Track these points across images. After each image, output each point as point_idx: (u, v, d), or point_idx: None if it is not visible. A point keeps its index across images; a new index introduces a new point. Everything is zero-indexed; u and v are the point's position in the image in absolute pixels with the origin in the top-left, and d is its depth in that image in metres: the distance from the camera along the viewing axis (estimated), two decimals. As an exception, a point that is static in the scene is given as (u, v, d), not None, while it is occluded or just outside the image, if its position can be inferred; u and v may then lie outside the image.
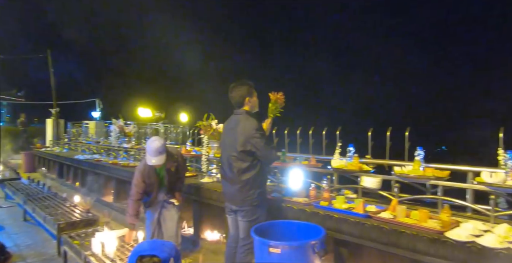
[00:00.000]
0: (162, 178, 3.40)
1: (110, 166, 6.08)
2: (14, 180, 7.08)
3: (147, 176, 3.28)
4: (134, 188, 3.29)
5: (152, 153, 3.09)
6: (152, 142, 3.13)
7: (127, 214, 3.33)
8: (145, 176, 3.27)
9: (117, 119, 6.88)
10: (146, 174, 3.27)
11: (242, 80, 2.86)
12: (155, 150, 3.09)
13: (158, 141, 3.15)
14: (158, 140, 3.19)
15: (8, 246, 3.98)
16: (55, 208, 4.60)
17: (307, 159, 3.64)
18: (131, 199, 3.31)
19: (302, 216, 2.88)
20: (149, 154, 3.11)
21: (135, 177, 3.29)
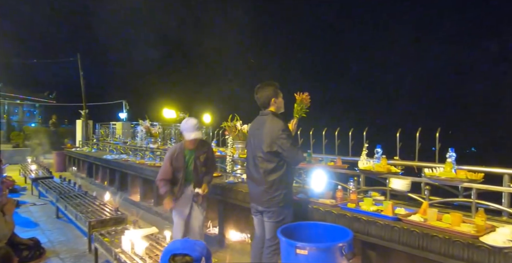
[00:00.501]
0: (189, 165, 3.44)
1: (137, 166, 6.24)
2: (47, 179, 7.36)
3: (175, 158, 3.37)
4: (162, 168, 3.45)
5: (190, 129, 3.27)
6: (188, 120, 3.32)
7: (160, 191, 3.50)
8: (173, 158, 3.37)
9: (143, 120, 7.04)
10: (175, 157, 3.37)
11: (268, 81, 2.86)
12: (193, 126, 3.27)
13: (194, 119, 3.35)
14: (193, 118, 3.38)
15: (42, 242, 4.19)
16: (85, 206, 4.75)
17: (333, 160, 3.59)
18: (157, 179, 3.44)
19: (329, 218, 2.85)
20: (187, 131, 3.27)
21: (165, 159, 3.45)
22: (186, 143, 3.37)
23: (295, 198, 3.10)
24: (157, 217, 5.58)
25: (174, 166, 3.38)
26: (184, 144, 3.42)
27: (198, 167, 3.46)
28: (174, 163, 3.37)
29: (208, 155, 3.57)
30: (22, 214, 5.84)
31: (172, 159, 3.37)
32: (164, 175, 3.40)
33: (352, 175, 3.43)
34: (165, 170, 3.40)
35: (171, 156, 3.38)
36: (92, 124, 13.30)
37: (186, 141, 3.34)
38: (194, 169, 3.45)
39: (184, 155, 3.41)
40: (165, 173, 3.40)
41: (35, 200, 7.04)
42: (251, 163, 2.86)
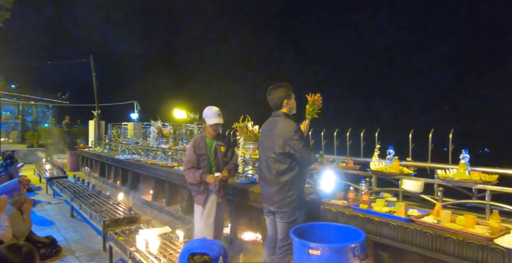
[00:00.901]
0: (211, 154, 3.43)
1: (149, 166, 6.32)
2: (62, 178, 7.51)
3: (198, 147, 3.39)
4: (186, 158, 3.44)
5: (212, 115, 3.33)
6: (211, 107, 3.39)
7: (190, 180, 3.39)
8: (196, 147, 3.39)
9: (155, 121, 7.12)
10: (197, 145, 3.40)
11: (280, 83, 2.89)
12: (215, 112, 3.34)
13: (215, 106, 3.41)
14: (214, 106, 3.42)
15: (58, 240, 4.28)
16: (99, 206, 4.84)
17: (344, 161, 3.60)
18: (185, 170, 3.41)
19: (341, 219, 2.86)
20: (209, 117, 3.33)
21: (188, 149, 3.49)
22: (208, 129, 3.40)
23: (307, 199, 3.12)
24: (169, 216, 5.65)
25: (198, 154, 3.38)
26: (205, 132, 3.45)
27: (220, 156, 3.45)
28: (197, 151, 3.38)
29: (229, 147, 3.58)
30: (38, 212, 5.97)
31: (195, 147, 3.38)
32: (190, 164, 3.38)
33: (364, 176, 3.43)
34: (190, 159, 3.39)
35: (194, 145, 3.40)
36: (104, 124, 13.49)
37: (208, 127, 3.37)
38: (216, 157, 3.44)
39: (206, 143, 3.42)
40: (190, 162, 3.39)
41: (50, 199, 7.20)
42: (263, 164, 2.88)
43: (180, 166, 5.68)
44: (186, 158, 3.46)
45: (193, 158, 3.38)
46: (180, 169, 5.37)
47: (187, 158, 3.43)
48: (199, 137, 3.51)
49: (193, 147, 3.40)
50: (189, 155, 3.41)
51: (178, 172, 5.33)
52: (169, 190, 5.92)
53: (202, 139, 3.44)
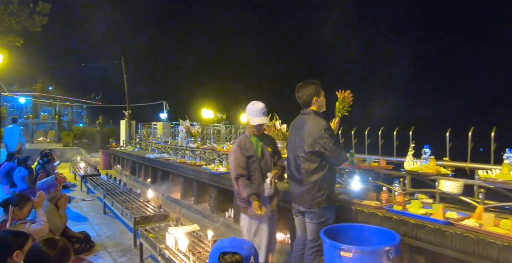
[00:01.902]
0: (259, 154, 3.00)
1: (178, 165, 6.41)
2: (95, 176, 7.77)
3: (244, 147, 2.96)
4: (233, 162, 2.94)
5: (256, 113, 2.90)
6: (255, 103, 2.94)
7: (242, 193, 2.88)
8: (242, 147, 2.95)
9: (184, 120, 7.22)
10: (243, 145, 2.97)
11: (309, 80, 2.82)
12: (259, 109, 2.90)
13: (261, 103, 2.95)
14: (259, 102, 2.97)
15: (91, 236, 4.41)
16: (130, 203, 4.95)
17: (376, 160, 3.48)
18: (234, 177, 2.91)
19: (374, 220, 2.76)
20: (253, 115, 2.91)
21: (233, 151, 3.01)
22: (251, 129, 3.00)
23: (338, 199, 3.03)
24: (197, 215, 5.70)
25: (247, 156, 2.93)
26: (249, 131, 3.05)
27: (267, 157, 3.00)
28: (244, 152, 2.93)
29: (275, 148, 3.15)
30: (73, 208, 6.20)
31: (241, 148, 2.94)
32: (240, 169, 2.88)
33: (397, 176, 3.31)
34: (238, 162, 2.90)
35: (239, 145, 2.97)
36: (135, 124, 13.86)
37: (251, 127, 2.98)
38: (263, 158, 2.99)
39: (251, 142, 3.00)
40: (240, 167, 2.88)
41: (84, 196, 7.46)
42: (292, 163, 2.83)
43: (208, 165, 5.72)
44: (233, 162, 2.94)
45: (242, 161, 2.90)
46: (209, 168, 5.41)
47: (234, 162, 2.92)
48: (243, 137, 3.08)
49: (239, 148, 2.95)
50: (236, 159, 2.92)
51: (206, 171, 5.36)
52: (197, 189, 5.97)
53: (247, 139, 3.01)
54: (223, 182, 4.88)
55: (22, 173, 6.97)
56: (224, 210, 5.28)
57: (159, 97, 16.90)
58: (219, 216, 5.22)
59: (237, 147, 2.96)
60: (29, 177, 7.00)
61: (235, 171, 2.90)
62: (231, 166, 2.98)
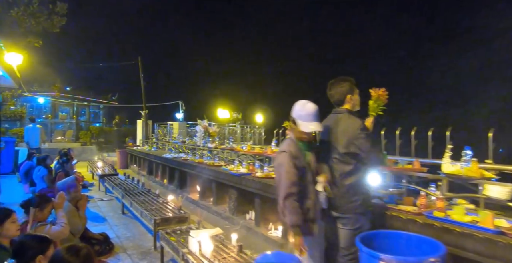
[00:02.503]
0: (310, 163, 2.53)
1: (197, 165, 6.30)
2: (113, 176, 7.75)
3: (296, 157, 2.41)
4: (285, 176, 2.36)
5: (309, 117, 2.41)
6: (305, 104, 2.45)
7: (286, 218, 2.36)
8: (293, 157, 2.40)
9: (202, 120, 7.12)
10: (294, 154, 2.42)
11: (343, 76, 2.65)
12: (312, 112, 2.42)
13: (311, 103, 2.46)
14: (309, 102, 2.48)
15: (111, 237, 4.33)
16: (149, 204, 4.86)
17: (410, 162, 3.28)
18: (284, 196, 2.33)
19: (412, 227, 2.57)
20: (304, 119, 2.41)
21: (285, 162, 2.39)
22: (299, 134, 2.48)
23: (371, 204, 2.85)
24: (217, 216, 5.57)
25: (299, 168, 2.41)
26: (294, 135, 2.53)
27: (313, 167, 2.54)
28: (297, 163, 2.40)
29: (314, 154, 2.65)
30: (92, 208, 6.16)
31: (293, 159, 2.39)
32: (292, 186, 2.33)
33: (434, 179, 3.10)
34: (291, 177, 2.35)
35: (292, 154, 2.40)
36: (151, 124, 13.89)
37: (299, 131, 2.45)
38: (311, 167, 2.53)
39: (300, 149, 2.50)
40: (292, 183, 2.34)
41: (102, 195, 7.44)
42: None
43: (227, 166, 5.59)
44: (284, 177, 2.36)
45: (295, 175, 2.36)
46: (228, 168, 5.28)
47: (286, 176, 2.35)
48: (291, 142, 2.50)
49: (291, 157, 2.39)
50: (288, 173, 2.35)
51: (226, 171, 5.23)
52: (217, 190, 5.85)
53: (296, 145, 2.49)
54: (244, 184, 4.73)
55: (42, 173, 6.99)
56: (245, 212, 5.14)
57: (175, 97, 16.92)
58: (239, 218, 5.08)
59: (289, 157, 2.39)
60: (48, 176, 7.02)
61: (286, 188, 2.33)
62: (281, 181, 2.40)
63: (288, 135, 4.66)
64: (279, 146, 2.62)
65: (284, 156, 2.42)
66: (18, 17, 12.70)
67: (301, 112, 2.44)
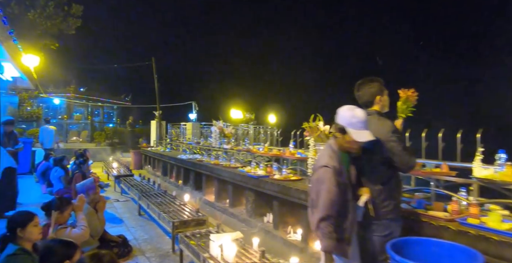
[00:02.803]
0: (351, 178, 2.30)
1: (212, 166, 6.26)
2: (128, 177, 7.77)
3: (339, 173, 2.15)
4: (326, 195, 2.09)
5: (361, 125, 2.14)
6: (353, 110, 2.18)
7: (319, 241, 2.15)
8: (337, 174, 2.13)
9: (217, 121, 7.07)
10: (338, 170, 2.15)
11: (371, 77, 2.56)
12: (364, 119, 2.16)
13: (358, 108, 2.22)
14: (356, 107, 2.23)
15: (128, 239, 4.31)
16: (167, 206, 4.83)
17: (437, 166, 3.16)
18: (320, 217, 2.09)
19: (444, 234, 2.45)
20: (356, 127, 2.13)
21: (325, 179, 2.13)
22: (347, 144, 2.21)
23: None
24: (233, 218, 5.51)
25: (342, 183, 2.16)
26: (341, 146, 2.25)
27: (353, 179, 2.31)
28: (340, 178, 2.15)
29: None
30: (108, 210, 6.14)
31: (336, 173, 2.14)
32: (332, 207, 2.09)
33: (464, 184, 2.98)
34: (332, 197, 2.09)
35: (335, 171, 2.13)
36: (165, 124, 13.94)
37: (350, 142, 2.18)
38: (357, 183, 2.33)
39: (342, 161, 2.24)
40: (333, 203, 2.09)
41: (117, 196, 7.46)
42: None
43: (244, 167, 5.52)
44: (324, 195, 2.10)
45: (337, 194, 2.11)
46: (245, 170, 5.21)
47: (326, 195, 2.09)
48: (332, 153, 2.22)
49: (334, 174, 2.12)
50: (329, 192, 2.09)
51: (243, 173, 5.17)
52: (233, 191, 5.79)
53: (338, 157, 2.22)
54: (262, 186, 4.66)
55: (59, 173, 7.05)
56: (262, 214, 5.06)
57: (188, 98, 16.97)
58: (257, 221, 5.01)
59: (332, 174, 2.12)
60: (65, 177, 7.07)
61: (325, 209, 2.08)
62: (319, 199, 2.13)
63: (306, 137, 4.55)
64: (318, 158, 2.35)
65: (327, 172, 2.14)
66: (34, 19, 12.89)
67: (352, 119, 2.15)
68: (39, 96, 15.62)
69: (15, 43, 8.24)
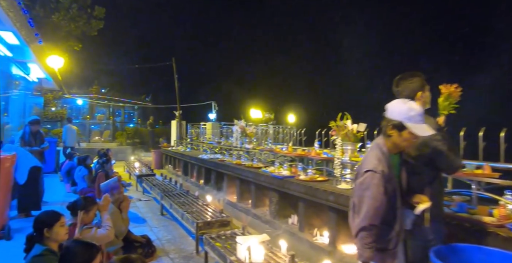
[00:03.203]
0: (401, 184, 2.08)
1: (234, 166, 6.17)
2: (150, 176, 7.78)
3: (388, 179, 1.93)
4: (370, 204, 1.89)
5: (421, 118, 1.95)
6: (408, 103, 1.98)
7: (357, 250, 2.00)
8: (385, 180, 1.92)
9: (238, 120, 6.98)
10: (387, 176, 1.93)
11: (412, 72, 2.39)
12: (422, 112, 1.97)
13: (411, 101, 2.05)
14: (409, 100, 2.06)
15: (152, 239, 4.26)
16: (189, 206, 4.77)
17: (479, 167, 2.95)
18: (362, 226, 1.91)
19: (492, 241, 2.27)
20: (415, 120, 1.92)
21: (371, 186, 1.91)
22: (404, 143, 1.99)
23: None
24: (256, 219, 5.40)
25: (389, 190, 1.94)
26: (395, 144, 2.01)
27: (404, 183, 2.09)
28: (388, 184, 1.93)
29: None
30: (131, 209, 6.13)
31: (384, 177, 1.92)
32: (376, 217, 1.89)
33: (508, 186, 2.76)
34: (378, 206, 1.89)
35: (383, 177, 1.91)
36: (185, 124, 13.99)
37: (408, 140, 1.97)
38: (410, 189, 2.09)
39: (393, 167, 2.02)
40: (378, 212, 1.89)
41: (140, 195, 7.48)
42: None
43: (267, 168, 5.40)
44: (369, 203, 1.90)
45: (382, 204, 1.90)
46: (269, 170, 5.09)
47: (371, 203, 1.89)
48: (381, 155, 1.98)
49: (382, 180, 1.90)
50: (375, 200, 1.89)
51: (267, 173, 5.05)
52: (256, 192, 5.68)
53: (388, 160, 1.98)
54: (287, 187, 4.53)
55: (83, 172, 7.12)
56: (286, 216, 4.93)
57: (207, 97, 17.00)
58: (281, 222, 4.88)
59: (380, 180, 1.90)
60: (88, 176, 7.14)
61: (367, 218, 1.89)
62: (362, 207, 1.93)
63: (333, 137, 4.36)
64: (364, 160, 2.11)
65: (373, 178, 1.91)
66: (59, 21, 13.17)
67: (410, 112, 1.93)
68: (63, 97, 15.99)
69: (41, 45, 8.42)
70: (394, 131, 1.99)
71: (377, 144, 2.09)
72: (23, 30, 5.95)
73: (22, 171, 5.18)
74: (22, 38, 6.15)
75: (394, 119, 1.98)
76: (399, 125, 1.95)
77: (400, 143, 2.00)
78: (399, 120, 1.95)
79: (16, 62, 8.11)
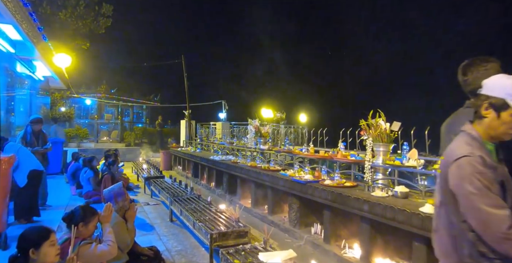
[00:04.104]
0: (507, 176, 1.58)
1: (249, 169, 5.72)
2: (159, 179, 7.38)
3: (490, 164, 1.46)
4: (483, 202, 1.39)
5: None
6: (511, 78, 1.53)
7: None
8: (487, 166, 1.44)
9: (253, 120, 6.54)
10: (489, 162, 1.46)
11: (483, 56, 1.91)
12: None
13: None
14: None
15: (160, 250, 3.82)
16: (202, 213, 4.33)
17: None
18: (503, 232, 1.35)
19: None
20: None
21: (469, 174, 1.42)
22: (500, 127, 1.52)
23: None
24: (274, 227, 4.93)
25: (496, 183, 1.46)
26: (488, 128, 1.54)
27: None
28: (491, 185, 1.41)
29: None
30: (138, 214, 5.74)
31: (486, 166, 1.44)
32: (505, 218, 1.36)
33: None
34: (495, 199, 1.40)
35: (483, 162, 1.44)
36: (194, 124, 13.59)
37: (507, 122, 1.50)
38: None
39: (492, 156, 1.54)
40: (501, 206, 1.40)
41: (148, 199, 7.08)
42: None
43: (286, 171, 4.94)
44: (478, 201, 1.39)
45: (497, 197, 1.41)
46: (289, 174, 4.63)
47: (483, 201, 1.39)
48: (473, 141, 1.53)
49: (483, 165, 1.43)
50: (486, 192, 1.39)
51: (286, 177, 4.58)
52: (273, 197, 5.22)
53: (483, 147, 1.52)
54: (310, 193, 4.06)
55: (88, 174, 6.76)
56: (308, 224, 4.46)
57: (216, 97, 16.58)
58: (302, 231, 4.41)
59: (481, 165, 1.43)
60: (94, 178, 6.77)
61: (500, 221, 1.36)
62: (472, 211, 1.43)
63: (362, 135, 3.88)
64: (450, 149, 1.58)
65: (469, 164, 1.43)
66: (66, 19, 12.90)
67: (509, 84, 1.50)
68: (71, 97, 15.73)
69: (46, 41, 8.07)
70: (490, 111, 1.52)
71: (465, 131, 1.59)
72: (24, 23, 5.59)
73: (23, 173, 4.81)
74: (24, 32, 5.79)
75: (493, 96, 1.51)
76: (500, 104, 1.49)
77: (497, 127, 1.52)
78: (501, 97, 1.49)
79: (20, 59, 7.79)
